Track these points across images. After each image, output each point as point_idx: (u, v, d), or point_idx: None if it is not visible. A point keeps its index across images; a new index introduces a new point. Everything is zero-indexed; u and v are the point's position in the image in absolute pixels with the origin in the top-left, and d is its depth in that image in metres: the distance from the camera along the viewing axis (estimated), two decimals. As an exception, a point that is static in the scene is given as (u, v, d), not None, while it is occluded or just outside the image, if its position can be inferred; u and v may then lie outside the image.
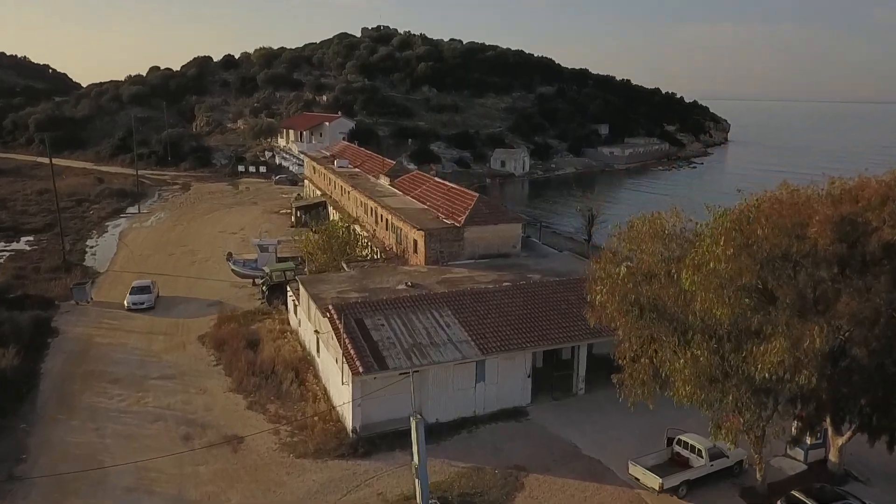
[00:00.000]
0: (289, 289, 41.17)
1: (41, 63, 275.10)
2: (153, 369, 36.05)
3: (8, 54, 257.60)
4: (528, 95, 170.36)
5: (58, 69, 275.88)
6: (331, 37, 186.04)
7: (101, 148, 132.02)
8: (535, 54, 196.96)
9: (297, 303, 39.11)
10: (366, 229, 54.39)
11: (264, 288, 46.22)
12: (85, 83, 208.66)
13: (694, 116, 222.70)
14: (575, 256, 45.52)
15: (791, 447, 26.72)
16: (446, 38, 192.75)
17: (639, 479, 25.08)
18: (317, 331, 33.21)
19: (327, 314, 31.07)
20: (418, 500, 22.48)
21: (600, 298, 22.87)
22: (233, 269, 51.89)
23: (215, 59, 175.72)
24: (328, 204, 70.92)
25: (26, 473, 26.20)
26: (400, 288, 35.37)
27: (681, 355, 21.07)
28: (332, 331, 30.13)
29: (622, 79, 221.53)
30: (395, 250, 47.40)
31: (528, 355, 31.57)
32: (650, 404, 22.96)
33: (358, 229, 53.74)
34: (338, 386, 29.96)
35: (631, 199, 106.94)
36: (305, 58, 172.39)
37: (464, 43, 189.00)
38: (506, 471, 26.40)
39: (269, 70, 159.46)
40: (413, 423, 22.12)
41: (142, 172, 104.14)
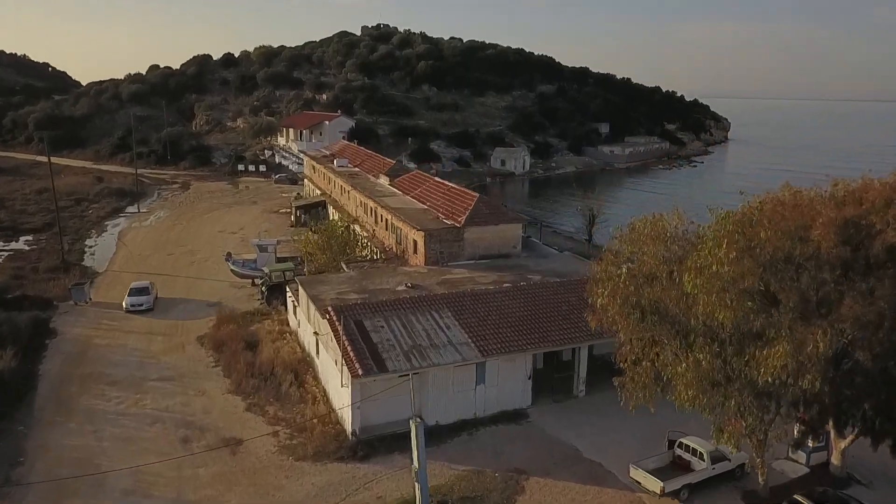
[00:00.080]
0: (288, 289, 40.98)
1: (41, 61, 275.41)
2: (152, 371, 35.88)
3: (7, 52, 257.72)
4: (528, 94, 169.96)
5: (57, 67, 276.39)
6: (331, 35, 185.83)
7: (100, 147, 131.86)
8: (536, 53, 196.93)
9: (296, 303, 38.92)
10: (365, 229, 54.19)
11: (263, 288, 46.05)
12: (84, 81, 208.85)
13: (694, 115, 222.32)
14: (575, 257, 45.34)
15: (793, 450, 26.59)
16: (446, 37, 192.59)
17: (640, 483, 24.89)
18: (316, 332, 33.04)
19: (327, 316, 30.90)
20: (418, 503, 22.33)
21: (601, 301, 22.71)
22: (232, 270, 51.71)
23: (215, 58, 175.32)
24: (328, 203, 70.74)
25: (24, 477, 26.04)
26: (400, 289, 35.18)
27: (682, 359, 20.90)
28: (332, 332, 29.95)
29: (622, 77, 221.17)
30: (394, 250, 47.20)
31: (529, 357, 31.38)
32: (651, 408, 22.79)
33: (357, 229, 53.55)
34: (337, 388, 29.78)
35: (631, 198, 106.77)
36: (305, 56, 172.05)
37: (464, 41, 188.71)
38: (506, 474, 26.23)
39: (268, 68, 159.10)
40: (413, 427, 21.95)
41: (141, 171, 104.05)
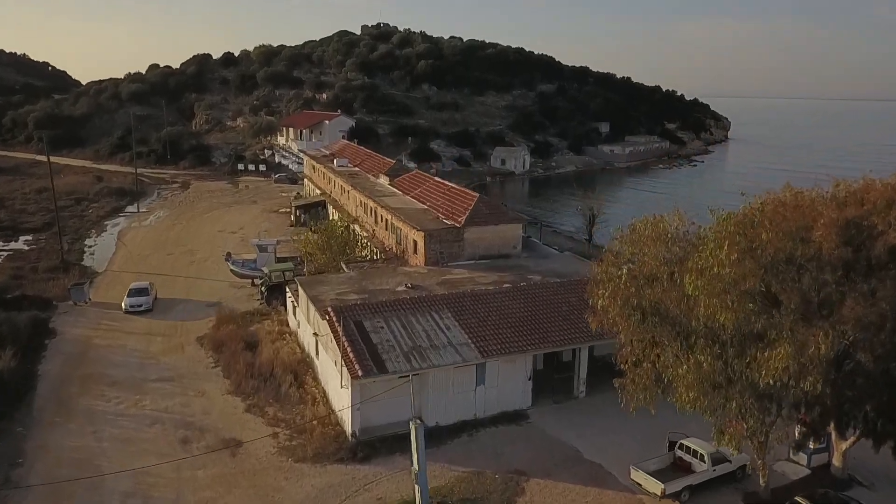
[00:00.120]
0: (287, 290, 40.89)
1: (40, 60, 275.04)
2: (151, 371, 35.81)
3: (7, 51, 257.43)
4: (528, 93, 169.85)
5: (57, 67, 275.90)
6: (330, 34, 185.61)
7: (100, 146, 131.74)
8: (536, 52, 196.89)
9: (295, 304, 38.84)
10: (365, 229, 54.10)
11: (263, 288, 45.97)
12: (84, 81, 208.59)
13: (695, 114, 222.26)
14: (576, 257, 45.24)
15: (794, 452, 26.52)
16: (446, 36, 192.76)
17: (640, 485, 24.81)
18: (315, 333, 32.95)
19: (326, 316, 30.81)
20: (418, 505, 22.26)
21: (602, 302, 22.62)
22: (231, 270, 51.64)
23: (215, 57, 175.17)
24: (328, 203, 70.64)
25: (23, 478, 25.97)
26: (399, 289, 35.10)
27: (684, 360, 20.82)
28: (332, 333, 29.86)
29: (623, 77, 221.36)
30: (394, 251, 47.12)
31: (529, 358, 31.31)
32: (652, 410, 22.70)
33: (357, 229, 53.45)
34: (337, 389, 29.71)
35: (631, 197, 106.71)
36: (305, 55, 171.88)
37: (464, 40, 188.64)
38: (506, 475, 26.15)
39: (268, 68, 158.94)
40: (413, 429, 21.88)
41: (141, 171, 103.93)
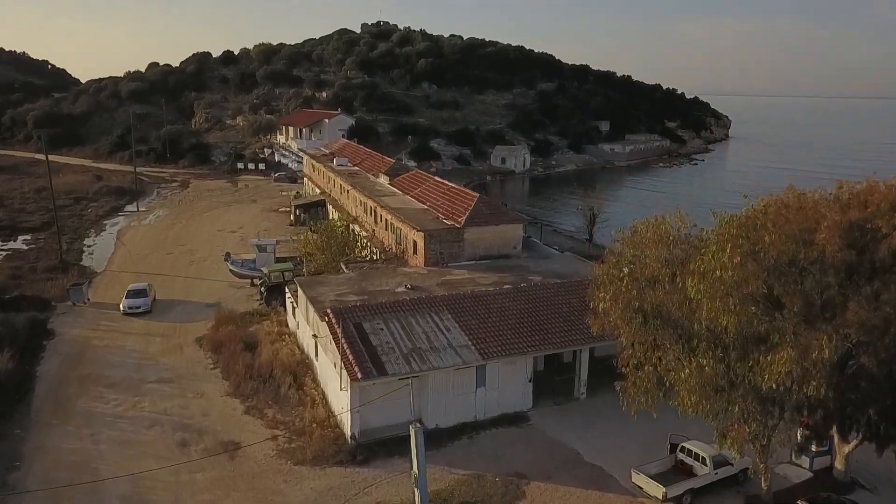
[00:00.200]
0: (287, 290, 40.72)
1: (40, 59, 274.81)
2: (150, 373, 35.64)
3: (7, 50, 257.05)
4: (528, 92, 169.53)
5: (57, 65, 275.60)
6: (330, 33, 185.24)
7: (99, 145, 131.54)
8: (536, 50, 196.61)
9: (295, 305, 38.67)
10: (365, 229, 53.92)
11: (262, 289, 45.79)
12: (84, 79, 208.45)
13: (695, 113, 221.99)
14: (576, 257, 45.03)
15: (797, 455, 26.36)
16: (446, 34, 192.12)
17: (642, 488, 24.65)
18: (315, 335, 32.77)
19: (325, 318, 30.64)
20: (418, 510, 22.11)
21: (603, 305, 22.44)
22: (231, 270, 51.47)
23: (214, 55, 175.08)
24: (327, 202, 70.45)
25: (20, 481, 25.83)
26: (399, 290, 34.91)
27: (686, 364, 20.64)
28: (331, 335, 29.69)
29: (623, 75, 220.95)
30: (394, 251, 46.93)
31: (530, 359, 31.14)
32: (654, 413, 22.51)
33: (357, 229, 53.26)
34: (336, 391, 29.55)
35: (632, 196, 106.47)
36: (305, 54, 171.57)
37: (464, 39, 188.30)
38: (507, 478, 25.99)
39: (268, 66, 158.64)
40: (412, 432, 21.73)
41: (140, 170, 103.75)
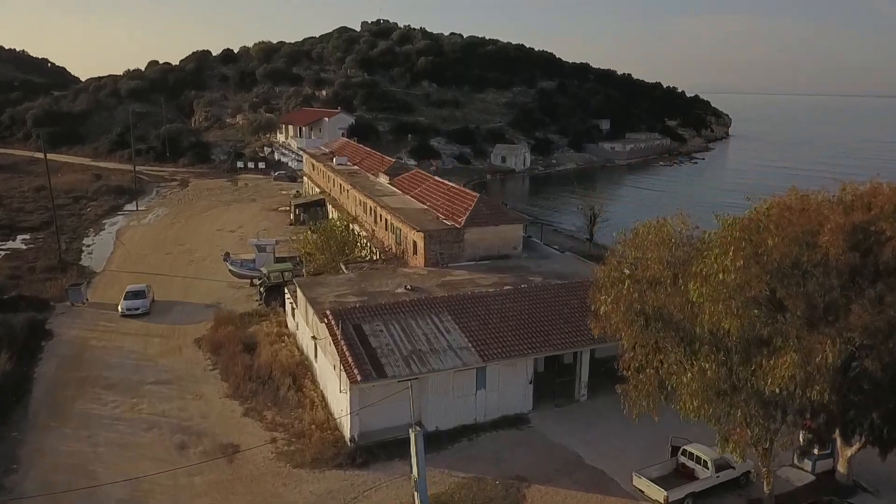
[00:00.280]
0: (286, 291, 40.53)
1: (40, 57, 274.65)
2: (148, 374, 35.47)
3: (6, 48, 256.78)
4: (528, 90, 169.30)
5: (56, 63, 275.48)
6: (330, 31, 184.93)
7: (99, 143, 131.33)
8: (536, 48, 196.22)
9: (294, 305, 38.50)
10: (365, 229, 53.73)
11: (262, 289, 45.60)
12: (84, 77, 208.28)
13: (695, 111, 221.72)
14: (577, 258, 44.85)
15: (799, 458, 26.19)
16: (446, 33, 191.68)
17: (643, 492, 24.53)
18: (314, 337, 32.60)
19: (325, 320, 30.46)
20: (417, 513, 21.94)
21: (605, 308, 22.25)
22: (230, 270, 51.28)
23: (214, 54, 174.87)
24: (327, 202, 70.25)
25: (17, 484, 25.68)
26: (399, 291, 34.72)
27: (688, 368, 20.45)
28: (330, 337, 29.52)
29: (623, 73, 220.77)
30: (394, 251, 46.75)
31: (530, 361, 30.97)
32: (656, 417, 22.32)
33: (357, 229, 53.07)
34: (336, 393, 29.38)
35: (632, 196, 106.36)
36: (305, 52, 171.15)
37: (464, 37, 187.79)
38: (507, 481, 25.83)
39: (268, 64, 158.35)
40: (412, 436, 21.56)
41: (140, 168, 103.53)
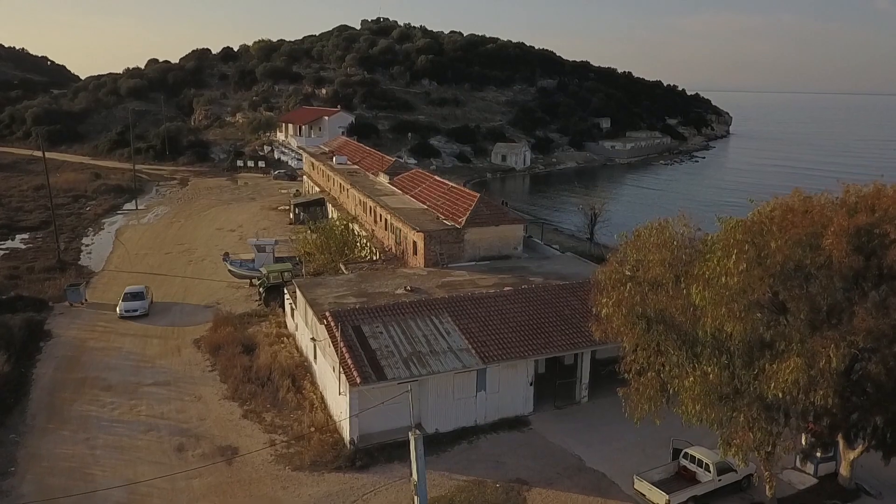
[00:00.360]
0: (286, 291, 40.35)
1: (39, 55, 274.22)
2: (147, 375, 35.30)
3: (6, 46, 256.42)
4: (528, 89, 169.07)
5: (56, 61, 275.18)
6: (330, 29, 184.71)
7: (98, 142, 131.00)
8: (536, 47, 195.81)
9: (294, 306, 38.32)
10: (364, 228, 53.55)
11: (261, 289, 45.42)
12: (83, 75, 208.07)
13: (696, 109, 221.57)
14: (578, 258, 44.69)
15: (802, 461, 26.02)
16: (446, 31, 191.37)
17: (645, 495, 24.36)
18: (313, 338, 32.43)
19: (324, 321, 30.29)
20: (417, 517, 21.77)
21: (606, 311, 22.08)
22: (229, 270, 51.08)
23: (214, 52, 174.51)
24: (327, 201, 70.05)
25: (14, 487, 25.52)
26: (399, 292, 34.56)
27: (690, 372, 20.28)
28: (330, 338, 29.34)
29: (624, 71, 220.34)
30: (394, 251, 46.58)
31: (531, 363, 30.81)
32: (657, 420, 22.15)
33: (357, 228, 52.88)
34: (335, 394, 29.20)
35: (633, 195, 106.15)
36: (305, 50, 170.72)
37: (464, 35, 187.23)
38: (507, 484, 25.66)
39: (268, 63, 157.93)
40: (412, 439, 21.37)
41: (139, 167, 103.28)
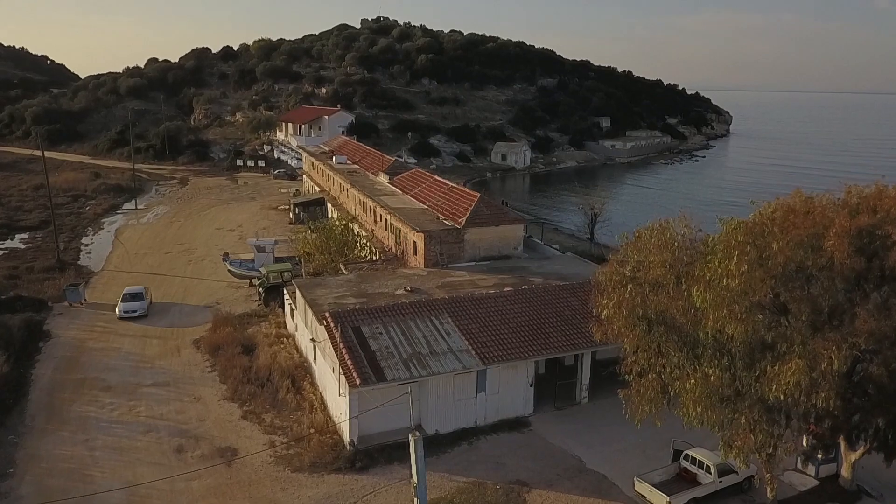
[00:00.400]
0: (286, 291, 40.26)
1: (39, 54, 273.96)
2: (146, 376, 35.21)
3: (5, 45, 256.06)
4: (529, 88, 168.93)
5: (55, 60, 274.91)
6: (330, 28, 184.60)
7: (98, 141, 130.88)
8: (536, 46, 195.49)
9: (293, 306, 38.24)
10: (364, 228, 53.45)
11: (261, 289, 45.33)
12: (83, 75, 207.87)
13: (696, 108, 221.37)
14: (578, 258, 44.60)
15: (803, 463, 25.94)
16: (446, 30, 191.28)
17: (645, 497, 24.28)
18: (313, 339, 32.34)
19: (324, 322, 30.21)
20: (417, 519, 21.70)
21: (607, 312, 21.99)
22: (229, 270, 50.99)
23: (214, 51, 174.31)
24: (327, 201, 69.95)
25: (13, 489, 25.43)
26: (399, 293, 34.46)
27: (691, 373, 20.19)
28: (329, 339, 29.26)
29: (624, 71, 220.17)
30: (394, 251, 46.49)
31: (531, 363, 30.72)
32: (658, 422, 22.06)
33: (356, 228, 52.77)
34: (335, 395, 29.13)
35: (633, 194, 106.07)
36: (305, 49, 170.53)
37: (464, 35, 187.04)
38: (508, 486, 25.59)
39: (267, 62, 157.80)
40: (412, 441, 21.31)
41: (139, 166, 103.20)
